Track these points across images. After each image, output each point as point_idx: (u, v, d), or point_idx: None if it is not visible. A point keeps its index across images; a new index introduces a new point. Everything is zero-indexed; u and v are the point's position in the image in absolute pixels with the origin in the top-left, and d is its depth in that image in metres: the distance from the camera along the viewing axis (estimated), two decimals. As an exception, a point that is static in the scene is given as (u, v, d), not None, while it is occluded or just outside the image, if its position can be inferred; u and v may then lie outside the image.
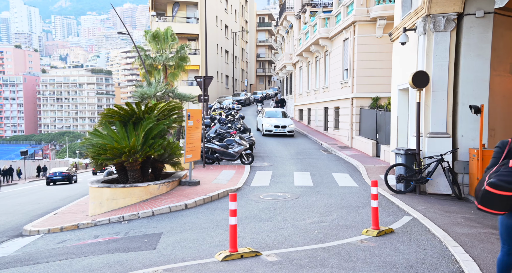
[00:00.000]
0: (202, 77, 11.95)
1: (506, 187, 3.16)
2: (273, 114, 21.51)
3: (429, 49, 9.47)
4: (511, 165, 3.26)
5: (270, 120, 20.49)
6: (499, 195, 3.19)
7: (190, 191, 9.21)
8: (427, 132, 9.57)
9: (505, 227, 3.38)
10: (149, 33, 25.69)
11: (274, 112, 21.89)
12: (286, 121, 20.53)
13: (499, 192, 3.19)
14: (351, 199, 8.77)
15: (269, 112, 21.69)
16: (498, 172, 3.30)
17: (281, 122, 20.34)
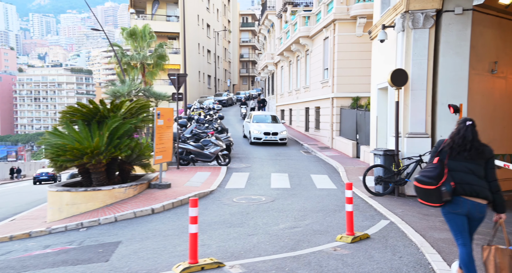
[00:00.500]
0: (175, 75, 11.41)
1: (427, 182, 3.43)
2: (262, 119, 18.67)
3: (408, 46, 9.21)
4: (435, 161, 3.54)
5: (259, 127, 17.68)
6: (425, 189, 3.45)
7: (159, 194, 8.66)
8: (406, 133, 9.30)
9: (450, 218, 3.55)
10: (126, 31, 24.90)
11: (263, 117, 19.12)
12: (277, 128, 17.67)
13: (424, 186, 3.45)
14: (328, 201, 8.41)
15: (258, 117, 18.82)
16: (425, 168, 3.56)
17: (271, 128, 17.54)
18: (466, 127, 3.71)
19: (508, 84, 10.34)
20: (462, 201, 3.44)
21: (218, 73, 53.30)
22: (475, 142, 3.60)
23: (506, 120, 10.39)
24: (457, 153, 3.55)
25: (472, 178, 3.47)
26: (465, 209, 3.45)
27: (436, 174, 3.46)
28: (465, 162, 3.52)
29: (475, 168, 3.51)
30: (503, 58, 9.95)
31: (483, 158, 3.56)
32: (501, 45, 9.97)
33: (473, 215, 3.48)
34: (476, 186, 3.45)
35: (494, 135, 10.08)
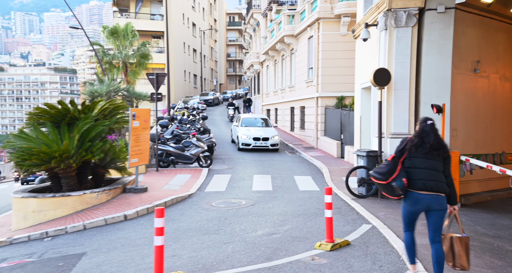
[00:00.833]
0: (154, 74, 11.00)
1: (378, 177, 3.74)
2: (251, 123, 16.88)
3: (390, 45, 9.02)
4: (389, 158, 3.82)
5: (248, 131, 15.93)
6: (379, 184, 3.76)
7: (134, 199, 8.27)
8: (389, 133, 9.12)
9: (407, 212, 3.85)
10: (107, 29, 24.24)
11: (253, 120, 17.30)
12: (268, 132, 15.99)
13: (377, 181, 3.77)
14: (310, 205, 8.15)
15: (247, 120, 17.11)
16: (380, 164, 3.90)
17: (262, 133, 15.82)
18: (427, 126, 3.90)
19: (491, 84, 10.27)
20: (422, 198, 3.68)
21: (204, 72, 52.73)
22: (437, 139, 3.81)
23: (489, 120, 10.32)
24: (420, 150, 3.78)
25: (432, 174, 3.71)
26: (424, 205, 3.68)
27: (386, 171, 3.72)
28: (427, 159, 3.75)
29: (436, 164, 3.74)
30: (485, 58, 9.86)
31: (443, 155, 3.79)
32: (484, 44, 9.88)
33: (433, 208, 3.68)
34: (436, 182, 3.68)
35: (477, 135, 10.00)
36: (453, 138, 9.12)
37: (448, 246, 3.86)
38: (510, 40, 10.63)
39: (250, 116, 18.19)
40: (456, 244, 3.82)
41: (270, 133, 15.98)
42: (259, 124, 17.06)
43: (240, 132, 15.94)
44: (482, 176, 9.74)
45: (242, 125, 16.61)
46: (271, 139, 15.67)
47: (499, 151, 10.56)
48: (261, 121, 17.42)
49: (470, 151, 9.63)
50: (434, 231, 3.76)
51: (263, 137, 15.62)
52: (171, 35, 39.24)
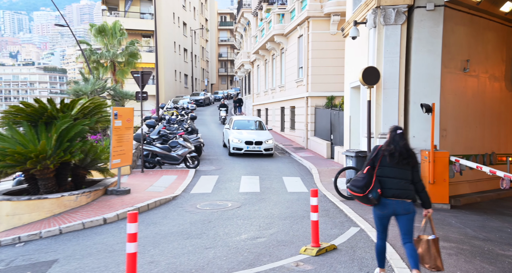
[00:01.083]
0: (139, 72, 10.69)
1: (356, 191, 3.88)
2: (244, 126, 15.82)
3: (379, 43, 8.86)
4: (365, 171, 3.90)
5: (240, 134, 14.78)
6: (355, 195, 3.91)
7: (115, 202, 7.96)
8: (378, 133, 8.95)
9: (377, 217, 4.02)
10: (95, 27, 23.76)
11: (245, 122, 16.17)
12: (262, 136, 14.80)
13: (354, 193, 3.91)
14: (298, 207, 7.93)
15: (240, 123, 16.04)
16: (356, 177, 3.97)
17: (255, 136, 14.61)
18: (397, 135, 3.95)
19: (480, 83, 10.18)
20: (388, 203, 3.86)
21: (195, 72, 52.34)
22: (406, 148, 3.90)
23: (479, 120, 10.22)
24: (391, 160, 3.88)
25: (400, 183, 3.85)
26: (391, 210, 3.87)
27: (364, 184, 3.85)
28: (397, 168, 3.88)
29: (403, 172, 3.88)
30: (475, 57, 9.76)
31: (411, 163, 3.91)
32: (473, 43, 9.78)
33: (399, 212, 3.86)
34: (402, 191, 3.84)
35: (467, 135, 9.89)
36: (442, 138, 8.98)
37: (424, 248, 4.00)
38: (499, 39, 10.56)
39: (243, 119, 16.89)
40: (432, 246, 3.97)
41: (264, 136, 14.77)
42: (253, 127, 15.89)
43: (232, 135, 14.67)
44: (472, 176, 9.63)
45: (234, 128, 15.47)
46: (265, 143, 14.42)
47: (489, 151, 10.47)
48: (254, 123, 16.22)
49: (460, 151, 9.51)
50: (404, 233, 3.92)
51: (256, 141, 14.34)
52: (161, 34, 38.82)
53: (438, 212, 7.87)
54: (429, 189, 8.32)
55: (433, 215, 7.34)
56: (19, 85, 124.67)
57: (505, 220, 7.65)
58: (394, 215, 3.90)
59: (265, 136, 14.87)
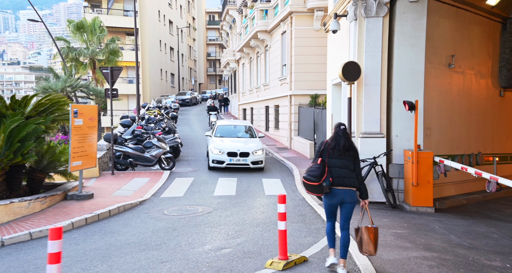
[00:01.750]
0: (108, 68, 10.02)
1: (312, 179, 4.19)
2: (229, 132, 12.82)
3: (360, 37, 8.36)
4: (318, 162, 4.24)
5: (222, 143, 11.76)
6: (310, 185, 4.22)
7: (74, 208, 7.30)
8: (360, 132, 8.46)
9: (327, 205, 4.40)
10: (73, 24, 22.92)
11: (231, 128, 13.20)
12: (250, 145, 11.77)
13: (310, 183, 4.21)
14: (273, 212, 7.37)
15: (224, 129, 12.97)
16: (310, 167, 4.28)
17: (240, 146, 11.57)
18: (340, 130, 4.37)
19: (466, 80, 9.77)
20: (337, 193, 4.27)
21: (182, 71, 51.50)
22: (348, 142, 4.32)
23: (464, 118, 9.82)
24: (337, 152, 4.29)
25: (345, 172, 4.27)
26: (339, 198, 4.27)
27: (319, 173, 4.21)
28: (341, 159, 4.29)
29: (348, 163, 4.30)
30: (460, 52, 9.34)
31: (353, 156, 4.34)
32: (458, 38, 9.36)
33: (346, 200, 4.27)
34: (348, 178, 4.27)
35: (452, 134, 9.47)
36: (426, 137, 8.53)
37: (361, 236, 4.37)
38: (485, 34, 10.17)
39: (229, 124, 13.78)
40: (365, 233, 4.31)
41: (252, 146, 11.61)
42: (240, 134, 12.91)
43: (212, 144, 11.62)
44: (457, 177, 9.21)
45: (217, 135, 12.44)
46: (253, 154, 11.36)
47: (475, 151, 10.08)
48: (243, 130, 13.16)
49: (445, 151, 9.08)
50: (344, 220, 4.37)
51: (241, 152, 11.31)
52: (146, 32, 37.94)
53: (422, 216, 7.41)
54: (412, 191, 7.86)
55: (416, 219, 6.87)
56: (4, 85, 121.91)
57: (491, 224, 7.21)
58: (341, 203, 4.32)
59: (253, 146, 11.69)
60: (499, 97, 10.87)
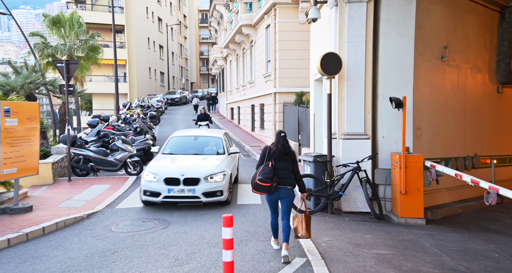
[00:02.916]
0: (63, 61, 8.94)
1: (267, 181, 4.79)
2: (184, 147, 8.67)
3: (341, 25, 7.35)
4: (270, 165, 4.87)
5: (162, 164, 7.80)
6: (263, 185, 4.83)
7: (3, 224, 6.22)
8: (341, 133, 7.46)
9: (268, 202, 5.09)
10: (48, 18, 21.67)
11: (189, 141, 8.97)
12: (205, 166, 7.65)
13: (263, 184, 4.82)
14: (240, 226, 6.35)
15: (178, 141, 8.83)
16: (263, 170, 4.84)
17: (188, 168, 7.47)
18: (281, 138, 4.98)
19: (461, 75, 8.80)
20: (278, 190, 4.91)
21: (172, 70, 50.31)
22: (285, 147, 4.94)
23: (459, 117, 8.85)
24: (278, 156, 4.91)
25: (286, 173, 4.93)
26: (277, 195, 4.95)
27: (272, 175, 4.79)
28: (282, 162, 4.92)
29: (288, 165, 4.95)
30: (454, 43, 8.37)
31: (291, 159, 4.97)
32: (452, 27, 8.38)
33: (282, 197, 4.94)
34: (287, 179, 4.92)
35: (445, 135, 8.50)
36: (416, 138, 7.54)
37: (298, 222, 5.01)
38: (482, 24, 9.21)
39: (187, 134, 9.23)
40: (304, 220, 4.95)
41: (208, 167, 7.49)
42: (200, 150, 8.53)
43: (150, 168, 7.55)
44: (451, 183, 8.24)
45: (165, 151, 8.41)
46: (206, 180, 7.21)
47: (471, 153, 9.12)
48: (208, 143, 8.83)
49: (438, 154, 8.11)
50: (284, 212, 4.98)
51: (186, 178, 7.17)
52: (133, 29, 36.78)
53: (411, 229, 6.42)
54: (400, 200, 6.88)
55: (404, 234, 5.87)
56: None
57: (490, 239, 6.24)
58: (279, 198, 4.96)
59: (210, 167, 7.50)
60: (496, 94, 9.92)
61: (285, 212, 4.95)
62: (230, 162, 8.28)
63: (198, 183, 7.18)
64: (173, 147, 8.60)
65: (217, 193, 7.32)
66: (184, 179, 7.16)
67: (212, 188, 7.25)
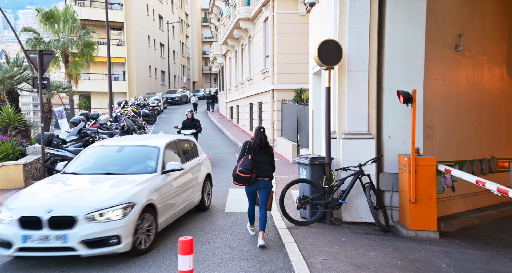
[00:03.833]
0: (36, 51, 8.10)
1: (246, 172, 5.16)
2: (102, 162, 6.01)
3: (342, 9, 6.45)
4: (250, 158, 5.23)
5: (28, 196, 4.94)
6: (243, 176, 5.20)
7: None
8: (342, 132, 6.55)
9: (247, 192, 5.47)
10: (41, 13, 20.96)
11: (111, 153, 6.21)
12: (95, 197, 4.71)
13: (243, 175, 5.19)
14: (223, 240, 5.47)
15: (94, 154, 6.19)
16: (243, 162, 5.20)
17: (65, 202, 4.65)
18: (260, 133, 5.41)
19: (477, 67, 7.85)
20: (257, 181, 5.33)
21: (173, 69, 49.59)
22: (264, 142, 5.37)
23: (474, 115, 7.90)
24: (256, 149, 5.32)
25: (264, 166, 5.34)
26: (256, 186, 5.36)
27: (251, 167, 5.19)
28: (262, 156, 5.34)
29: (266, 159, 5.36)
30: (469, 31, 7.42)
31: (269, 153, 5.41)
32: (468, 14, 7.44)
33: (260, 187, 5.36)
34: (265, 171, 5.34)
35: (460, 135, 7.55)
36: (427, 138, 6.62)
37: None
38: (500, 11, 8.26)
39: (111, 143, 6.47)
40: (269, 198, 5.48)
41: (98, 199, 4.68)
42: (121, 167, 5.73)
43: (11, 198, 5.07)
44: (466, 189, 7.29)
45: (68, 170, 5.77)
46: (86, 221, 4.43)
47: (487, 156, 8.16)
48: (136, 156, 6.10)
49: (451, 156, 7.18)
50: (262, 201, 5.39)
51: (54, 216, 4.40)
52: (133, 26, 36.06)
53: (422, 245, 5.50)
54: (410, 209, 5.97)
55: (415, 251, 4.97)
56: None
57: (517, 258, 5.31)
58: (258, 189, 5.39)
59: (104, 197, 4.74)
60: (515, 89, 8.96)
61: (263, 201, 5.35)
62: (158, 185, 5.25)
63: (73, 224, 4.35)
64: (83, 163, 5.88)
65: (109, 240, 4.42)
66: (51, 219, 4.34)
67: (98, 232, 4.37)
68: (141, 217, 4.79)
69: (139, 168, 5.69)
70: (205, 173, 7.11)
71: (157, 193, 5.21)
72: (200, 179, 6.83)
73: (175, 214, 5.78)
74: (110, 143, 6.50)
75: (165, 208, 5.41)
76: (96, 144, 6.52)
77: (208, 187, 7.31)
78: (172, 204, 5.63)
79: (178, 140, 6.73)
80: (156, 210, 5.13)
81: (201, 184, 6.84)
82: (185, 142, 7.04)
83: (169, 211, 5.53)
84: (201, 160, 7.12)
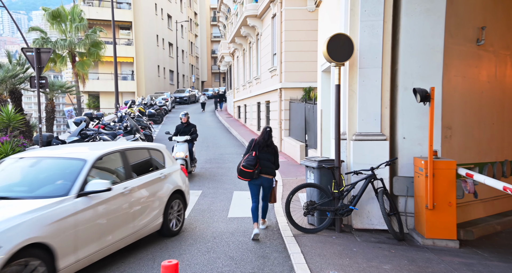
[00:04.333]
0: (33, 49, 7.84)
1: (249, 167, 5.46)
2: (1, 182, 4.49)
3: (354, 1, 6.00)
4: (254, 155, 5.54)
5: None
6: (246, 171, 5.49)
7: None
8: (352, 133, 6.11)
9: (251, 187, 5.69)
10: (48, 12, 20.88)
11: (24, 166, 4.76)
12: None
13: (246, 170, 5.48)
14: (223, 250, 5.09)
15: (3, 169, 4.66)
16: (247, 158, 5.52)
17: None
18: (266, 132, 5.72)
19: (500, 63, 7.31)
20: (260, 177, 5.62)
21: (182, 68, 49.46)
22: (268, 141, 5.68)
23: (496, 114, 7.37)
24: (261, 147, 5.63)
25: (268, 163, 5.63)
26: (259, 182, 5.63)
27: (254, 163, 5.50)
28: (266, 153, 5.64)
29: (270, 157, 5.67)
30: (492, 24, 6.89)
31: (273, 152, 5.72)
32: (491, 5, 6.91)
33: (264, 185, 5.66)
34: (268, 168, 5.62)
35: (480, 135, 7.02)
36: (446, 140, 6.13)
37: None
38: (525, 3, 7.68)
39: (30, 155, 4.88)
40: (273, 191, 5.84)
41: None
42: (28, 188, 4.29)
43: None
44: (486, 193, 6.76)
45: None
46: None
47: (509, 158, 7.62)
48: (52, 172, 4.57)
49: (471, 158, 6.67)
50: (264, 196, 5.75)
51: None
52: (141, 25, 35.97)
53: (441, 256, 5.03)
54: (427, 216, 5.50)
55: (434, 264, 4.50)
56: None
57: (548, 272, 4.79)
58: (261, 186, 5.65)
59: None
60: (539, 87, 8.37)
61: (265, 196, 5.74)
62: (62, 215, 3.78)
63: None
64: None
65: None
66: None
67: None
68: (15, 266, 3.18)
69: (48, 189, 4.17)
70: (169, 189, 5.52)
71: (55, 226, 3.63)
72: (163, 197, 5.37)
73: (107, 249, 4.26)
74: (27, 155, 4.92)
75: (76, 244, 3.84)
76: (13, 156, 4.93)
77: (178, 206, 5.76)
78: (96, 237, 4.12)
79: (129, 149, 5.21)
80: (53, 251, 3.54)
81: (164, 204, 5.36)
82: (141, 152, 5.53)
83: (87, 247, 3.96)
84: (164, 173, 5.58)
